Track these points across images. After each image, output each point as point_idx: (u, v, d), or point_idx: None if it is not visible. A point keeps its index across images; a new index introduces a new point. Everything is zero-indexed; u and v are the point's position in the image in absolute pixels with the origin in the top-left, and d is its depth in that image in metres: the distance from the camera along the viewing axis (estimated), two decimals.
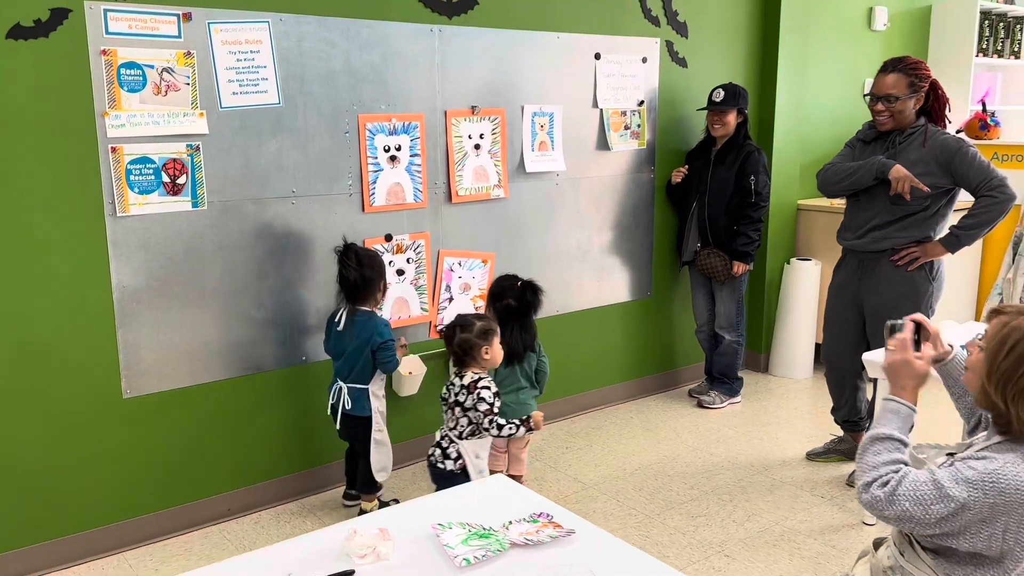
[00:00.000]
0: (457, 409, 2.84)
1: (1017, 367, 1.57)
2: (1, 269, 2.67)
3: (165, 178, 2.93)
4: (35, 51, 2.63)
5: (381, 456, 3.20)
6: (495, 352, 2.89)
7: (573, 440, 3.97)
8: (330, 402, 3.18)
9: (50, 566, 2.87)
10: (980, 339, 1.68)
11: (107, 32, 2.75)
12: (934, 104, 3.30)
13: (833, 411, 3.69)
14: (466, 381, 2.83)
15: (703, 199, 4.25)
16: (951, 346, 2.00)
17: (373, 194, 3.39)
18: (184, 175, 2.97)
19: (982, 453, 1.66)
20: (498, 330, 2.94)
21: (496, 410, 2.80)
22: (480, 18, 3.58)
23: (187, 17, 2.89)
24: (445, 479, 2.82)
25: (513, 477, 3.43)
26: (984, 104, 5.21)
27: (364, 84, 3.31)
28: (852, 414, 3.61)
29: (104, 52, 2.75)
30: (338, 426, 3.17)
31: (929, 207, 3.30)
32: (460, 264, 3.68)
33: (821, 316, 4.90)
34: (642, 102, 4.19)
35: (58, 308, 2.78)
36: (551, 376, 3.95)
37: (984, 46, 5.65)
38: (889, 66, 3.30)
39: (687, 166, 4.33)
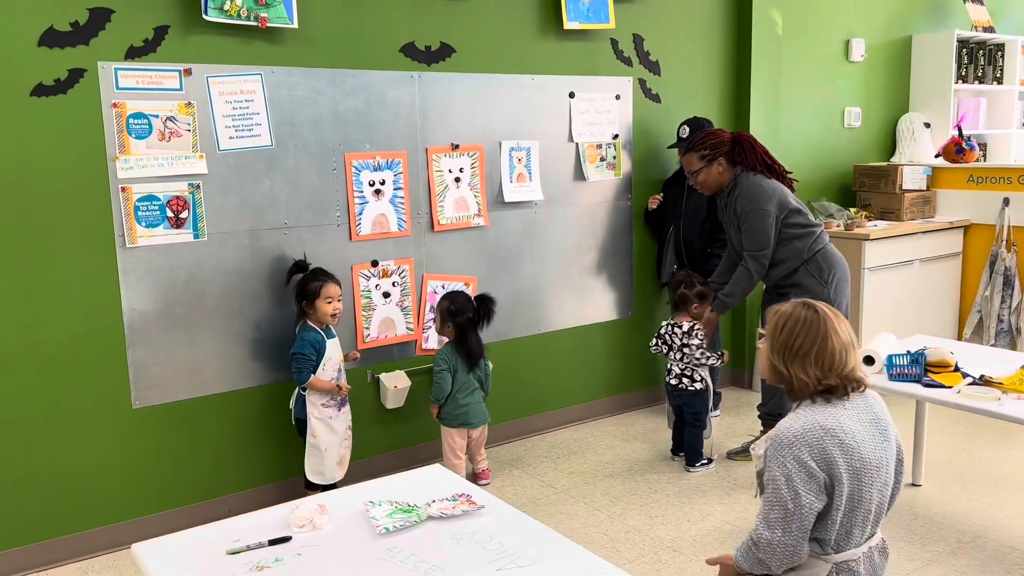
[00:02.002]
0: (686, 348, 3.87)
1: (788, 338, 1.98)
2: (25, 294, 3.07)
3: (169, 213, 3.32)
4: (55, 106, 3.05)
5: (313, 460, 3.45)
6: (704, 309, 3.94)
7: (553, 451, 4.25)
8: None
9: (67, 559, 3.24)
10: (761, 332, 2.08)
11: (117, 88, 3.17)
12: (741, 156, 3.76)
13: (759, 407, 4.03)
14: (686, 328, 3.88)
15: (678, 224, 4.54)
16: None
17: (359, 224, 3.75)
18: (186, 210, 3.36)
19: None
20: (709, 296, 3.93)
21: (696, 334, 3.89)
22: (457, 64, 3.94)
23: (188, 72, 3.30)
24: (693, 396, 3.92)
25: (479, 475, 3.77)
26: (960, 129, 5.42)
27: (349, 126, 3.68)
28: (775, 409, 3.89)
29: (115, 105, 3.17)
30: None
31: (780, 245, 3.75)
32: (444, 287, 4.01)
33: None
34: (617, 135, 4.51)
35: (75, 328, 3.18)
36: (536, 389, 4.32)
37: (964, 73, 5.86)
38: (683, 148, 3.91)
39: (663, 193, 4.63)
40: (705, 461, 3.99)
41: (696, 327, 3.90)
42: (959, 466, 3.98)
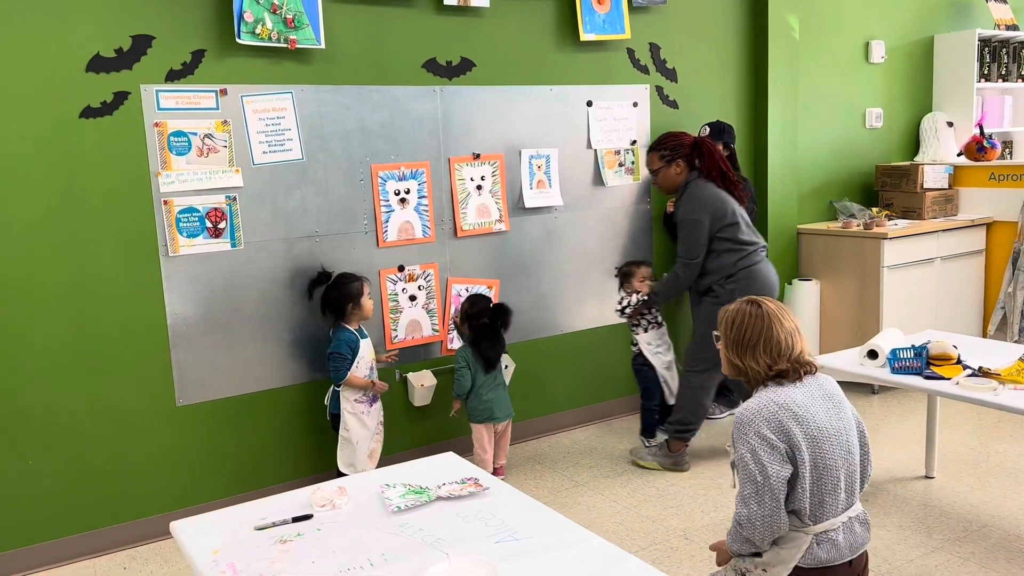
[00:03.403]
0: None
1: (738, 334, 2.17)
2: (76, 299, 3.33)
3: (208, 224, 3.57)
4: (102, 127, 3.31)
5: (345, 453, 3.66)
6: (636, 285, 4.23)
7: (575, 447, 4.40)
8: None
9: (116, 546, 3.49)
10: (716, 334, 2.26)
11: (159, 108, 3.42)
12: (700, 162, 3.93)
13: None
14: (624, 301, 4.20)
15: None
16: None
17: (386, 231, 3.96)
18: (224, 221, 3.60)
19: None
20: (635, 272, 4.25)
21: (629, 304, 4.18)
22: (478, 78, 4.14)
23: (224, 92, 3.54)
24: (635, 358, 4.28)
25: (494, 471, 3.93)
26: (981, 128, 5.45)
27: (375, 139, 3.90)
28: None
29: (157, 124, 3.42)
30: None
31: (712, 252, 3.96)
32: (468, 290, 4.20)
33: (821, 332, 5.22)
34: (635, 141, 4.66)
35: (123, 331, 3.43)
36: (559, 388, 4.51)
37: (987, 71, 5.89)
38: (648, 148, 4.17)
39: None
40: (649, 445, 4.23)
41: (625, 297, 4.20)
42: (974, 459, 4.04)
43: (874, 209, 5.42)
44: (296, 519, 2.17)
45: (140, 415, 3.51)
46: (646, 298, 4.13)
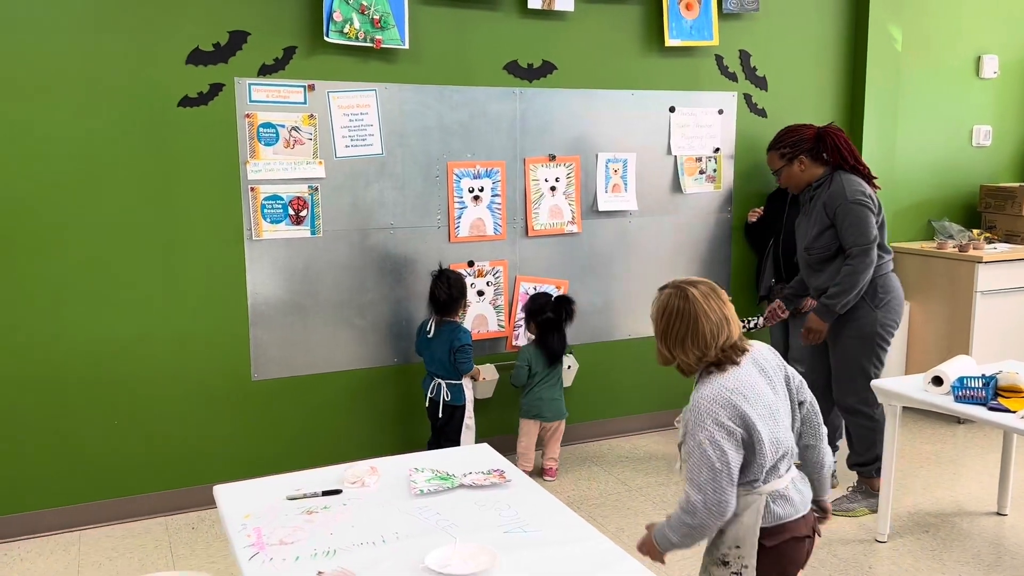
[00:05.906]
0: None
1: (668, 324, 2.15)
2: (167, 276, 3.60)
3: (291, 212, 3.77)
4: (198, 115, 3.56)
5: (469, 438, 3.86)
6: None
7: (635, 451, 4.41)
8: (429, 396, 3.86)
9: (187, 507, 3.75)
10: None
11: (250, 100, 3.64)
12: (829, 154, 3.63)
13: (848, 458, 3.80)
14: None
15: (779, 238, 4.58)
16: None
17: (458, 227, 4.08)
18: (305, 209, 3.80)
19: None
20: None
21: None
22: (558, 80, 4.20)
23: (311, 88, 3.74)
24: None
25: (545, 470, 3.99)
26: None
27: (453, 137, 4.02)
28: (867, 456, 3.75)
29: (247, 115, 3.64)
30: (440, 414, 3.83)
31: (838, 255, 3.59)
32: (536, 288, 4.27)
33: (908, 355, 5.03)
34: (718, 149, 4.62)
35: (207, 308, 3.68)
36: (623, 392, 4.52)
37: None
38: (768, 146, 3.92)
39: (763, 207, 4.69)
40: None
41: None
42: None
43: (975, 231, 5.17)
44: (326, 493, 2.30)
45: (217, 386, 3.75)
46: (822, 305, 3.58)
